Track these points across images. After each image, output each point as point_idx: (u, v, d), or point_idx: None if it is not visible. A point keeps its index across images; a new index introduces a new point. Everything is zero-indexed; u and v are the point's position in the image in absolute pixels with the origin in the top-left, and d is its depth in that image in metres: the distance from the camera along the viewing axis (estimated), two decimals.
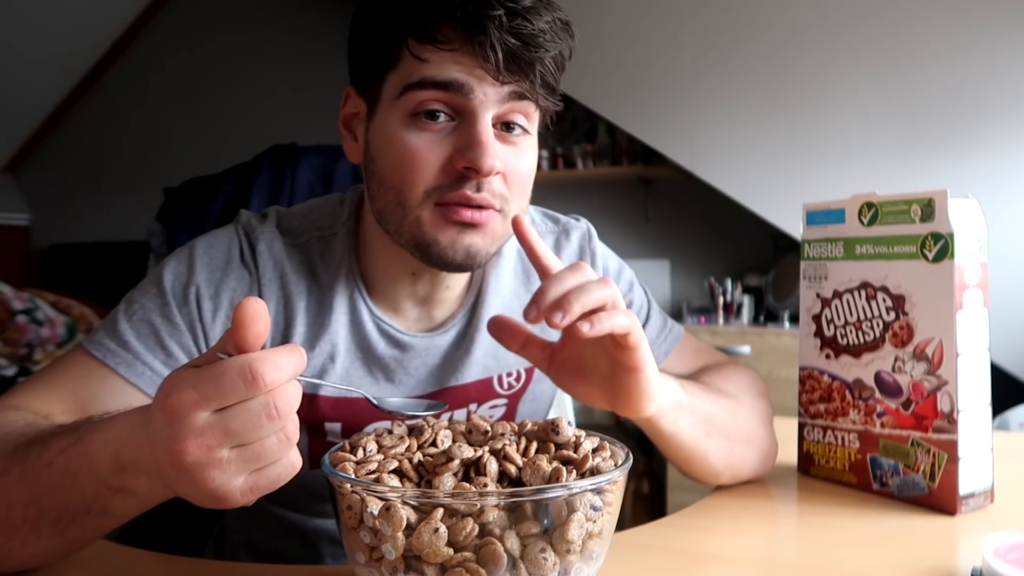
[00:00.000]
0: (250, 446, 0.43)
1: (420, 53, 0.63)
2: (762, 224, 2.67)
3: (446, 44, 0.62)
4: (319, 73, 3.88)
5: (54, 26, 3.87)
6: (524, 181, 0.69)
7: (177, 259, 0.73)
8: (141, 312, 0.70)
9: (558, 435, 0.53)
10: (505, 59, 0.62)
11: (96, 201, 4.42)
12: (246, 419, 0.42)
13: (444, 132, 0.65)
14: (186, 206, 1.03)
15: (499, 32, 0.61)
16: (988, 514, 0.73)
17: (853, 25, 2.46)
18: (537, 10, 0.63)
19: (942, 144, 2.36)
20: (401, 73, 0.65)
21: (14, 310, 2.98)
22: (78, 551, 0.56)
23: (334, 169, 1.06)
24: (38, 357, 2.91)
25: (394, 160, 0.66)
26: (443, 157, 0.65)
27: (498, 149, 0.65)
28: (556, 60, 0.66)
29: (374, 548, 0.46)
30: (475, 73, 0.63)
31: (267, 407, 0.43)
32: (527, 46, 0.62)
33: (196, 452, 0.42)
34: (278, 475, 0.45)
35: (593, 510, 0.47)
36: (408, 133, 0.65)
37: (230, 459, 0.43)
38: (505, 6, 0.61)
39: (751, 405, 0.80)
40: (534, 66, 0.63)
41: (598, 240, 0.88)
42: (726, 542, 0.66)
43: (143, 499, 0.50)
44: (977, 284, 0.73)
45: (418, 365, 0.77)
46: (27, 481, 0.51)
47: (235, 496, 0.44)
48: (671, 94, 2.72)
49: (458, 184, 0.64)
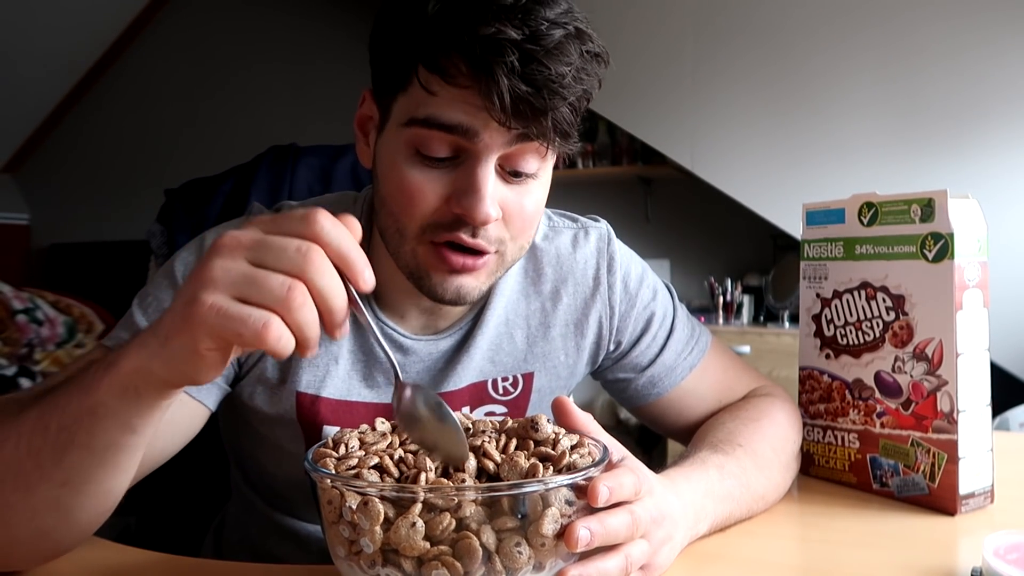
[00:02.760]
0: (258, 271, 0.42)
1: (429, 84, 0.60)
2: (762, 224, 2.67)
3: (455, 80, 0.59)
4: (319, 73, 3.88)
5: (54, 26, 3.87)
6: (527, 221, 0.67)
7: (188, 250, 0.73)
8: (156, 304, 0.70)
9: (537, 432, 0.53)
10: (514, 106, 0.58)
11: (96, 201, 4.43)
12: (278, 242, 0.42)
13: (445, 170, 0.63)
14: (186, 207, 1.03)
15: (509, 79, 0.57)
16: (988, 514, 0.73)
17: (854, 26, 2.46)
18: (562, 49, 0.58)
19: (942, 144, 2.36)
20: (410, 99, 0.62)
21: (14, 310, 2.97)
22: (75, 525, 0.54)
23: (333, 169, 1.06)
24: (38, 357, 2.91)
25: (394, 188, 0.64)
26: (441, 195, 0.63)
27: (499, 193, 0.63)
28: (576, 104, 0.61)
29: (353, 542, 0.47)
30: (481, 116, 0.59)
31: (301, 245, 0.42)
32: (540, 92, 0.58)
33: (215, 270, 0.42)
34: (249, 321, 0.41)
35: (568, 505, 0.48)
36: (410, 166, 0.63)
37: (231, 269, 0.42)
38: (522, 48, 0.57)
39: (782, 466, 0.76)
40: (546, 114, 0.59)
41: (617, 242, 0.84)
42: (726, 542, 0.66)
43: (127, 379, 0.47)
44: (977, 284, 0.73)
45: (419, 369, 0.76)
46: (40, 403, 0.51)
47: (203, 305, 0.41)
48: (672, 94, 2.73)
49: (453, 226, 0.63)
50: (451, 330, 0.77)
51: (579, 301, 0.81)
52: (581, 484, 0.49)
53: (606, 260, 0.82)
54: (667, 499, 0.57)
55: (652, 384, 0.83)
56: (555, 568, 0.48)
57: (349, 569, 0.48)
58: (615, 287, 0.81)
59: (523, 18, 0.58)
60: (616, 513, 0.51)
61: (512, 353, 0.79)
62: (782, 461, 0.76)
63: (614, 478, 0.50)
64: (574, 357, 0.82)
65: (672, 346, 0.83)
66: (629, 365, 0.83)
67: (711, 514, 0.64)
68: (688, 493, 0.62)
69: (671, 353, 0.83)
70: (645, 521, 0.52)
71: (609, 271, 0.81)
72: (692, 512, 0.61)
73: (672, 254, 3.22)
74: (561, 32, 0.58)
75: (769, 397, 0.83)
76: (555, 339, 0.80)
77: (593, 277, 0.81)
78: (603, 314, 0.81)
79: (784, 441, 0.78)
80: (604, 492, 0.49)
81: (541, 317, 0.80)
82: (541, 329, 0.80)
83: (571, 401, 0.58)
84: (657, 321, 0.83)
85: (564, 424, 0.56)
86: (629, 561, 0.51)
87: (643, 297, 0.83)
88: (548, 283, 0.80)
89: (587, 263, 0.81)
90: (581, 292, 0.81)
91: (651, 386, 0.83)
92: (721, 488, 0.66)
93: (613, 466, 0.53)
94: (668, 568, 0.57)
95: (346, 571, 0.48)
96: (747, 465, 0.70)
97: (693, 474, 0.65)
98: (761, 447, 0.74)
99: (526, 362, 0.79)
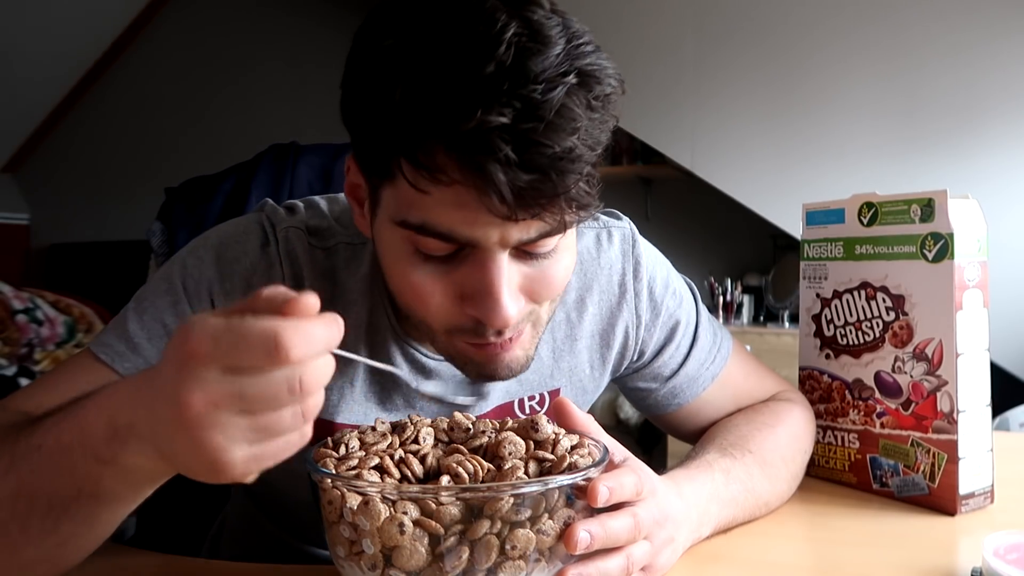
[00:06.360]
0: (261, 415, 0.38)
1: (417, 183, 0.51)
2: (762, 224, 2.67)
3: (444, 177, 0.50)
4: (319, 72, 3.87)
5: (54, 26, 3.87)
6: (557, 287, 0.59)
7: (189, 252, 0.68)
8: (152, 311, 0.65)
9: (537, 432, 0.53)
10: (518, 200, 0.49)
11: (96, 201, 4.43)
12: (264, 388, 0.37)
13: (453, 264, 0.56)
14: (186, 206, 1.03)
15: (506, 174, 0.48)
16: (988, 514, 0.73)
17: (854, 26, 2.46)
18: (565, 114, 0.48)
19: (942, 144, 2.36)
20: (398, 193, 0.54)
21: (14, 309, 2.97)
22: (69, 566, 0.52)
23: (333, 168, 1.06)
24: (38, 357, 2.91)
25: (400, 285, 0.59)
26: (453, 296, 0.56)
27: (517, 279, 0.56)
28: (592, 172, 0.52)
29: (354, 542, 0.47)
30: (483, 216, 0.51)
31: (290, 381, 0.37)
32: (547, 176, 0.49)
33: (201, 407, 0.37)
34: (284, 448, 0.40)
35: (568, 505, 0.48)
36: (412, 266, 0.56)
37: (237, 424, 0.38)
38: (515, 131, 0.47)
39: (791, 476, 0.75)
40: (559, 198, 0.50)
41: (642, 243, 0.78)
42: (726, 542, 0.66)
43: (134, 476, 0.45)
44: (977, 284, 0.73)
45: (442, 392, 0.72)
46: (16, 469, 0.47)
47: (235, 466, 0.38)
48: (672, 94, 2.73)
49: (477, 330, 0.57)
50: None
51: (605, 310, 0.76)
52: (581, 484, 0.49)
53: (632, 264, 0.76)
54: (670, 500, 0.56)
55: (673, 395, 0.80)
56: (555, 568, 0.48)
57: (350, 569, 0.48)
58: (642, 294, 0.77)
59: (510, 89, 0.47)
60: (618, 516, 0.50)
61: (538, 370, 0.74)
62: (791, 471, 0.75)
63: (614, 478, 0.50)
64: (600, 369, 0.78)
65: (696, 355, 0.80)
66: (651, 375, 0.80)
67: (714, 518, 0.64)
68: (692, 496, 0.61)
69: (694, 363, 0.80)
70: (647, 523, 0.52)
71: (636, 277, 0.76)
72: (695, 515, 0.60)
73: (672, 254, 3.15)
74: (561, 90, 0.48)
75: (788, 403, 0.81)
76: (581, 352, 0.76)
77: (619, 284, 0.76)
78: (630, 323, 0.77)
79: (796, 451, 0.76)
80: (604, 492, 0.49)
81: (567, 329, 0.75)
82: (567, 342, 0.75)
83: (571, 402, 0.58)
84: (681, 329, 0.79)
85: (564, 424, 0.56)
86: (631, 561, 0.51)
87: (669, 305, 0.78)
88: (572, 291, 0.75)
89: (612, 268, 0.76)
90: (607, 300, 0.76)
91: (672, 397, 0.80)
92: (726, 492, 0.65)
93: (614, 466, 0.53)
94: (669, 568, 0.57)
95: (346, 571, 0.48)
96: (755, 472, 0.69)
97: (698, 477, 0.64)
98: (772, 456, 0.72)
99: (552, 378, 0.75)
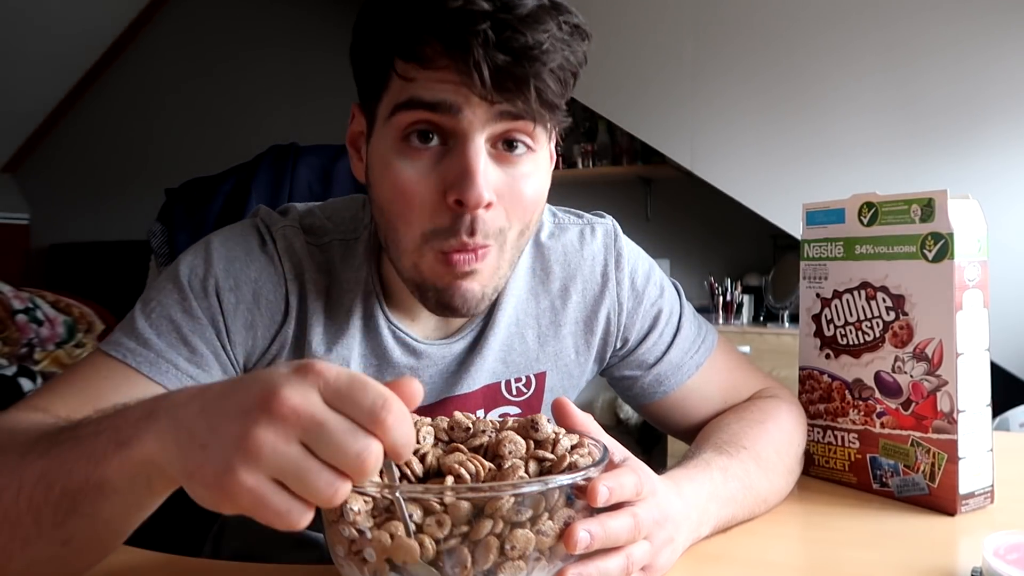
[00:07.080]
0: (309, 467, 0.39)
1: (407, 73, 0.60)
2: (762, 224, 2.67)
3: (432, 63, 0.58)
4: (319, 73, 3.88)
5: (54, 26, 3.87)
6: (527, 208, 0.65)
7: (193, 253, 0.71)
8: (160, 310, 0.68)
9: (537, 432, 0.53)
10: (493, 77, 0.57)
11: (96, 201, 4.43)
12: (336, 434, 0.38)
13: (436, 158, 0.62)
14: (186, 207, 1.04)
15: (483, 49, 0.56)
16: (988, 514, 0.73)
17: (854, 26, 2.46)
18: (537, 17, 0.57)
19: (942, 144, 2.37)
20: (392, 94, 0.62)
21: (14, 309, 2.97)
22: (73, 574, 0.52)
23: (333, 169, 1.06)
24: (38, 356, 2.91)
25: (389, 191, 0.63)
26: (436, 191, 0.61)
27: (493, 176, 0.62)
28: (559, 73, 0.59)
29: (353, 541, 0.47)
30: (462, 92, 0.58)
31: (360, 452, 0.38)
32: (519, 61, 0.57)
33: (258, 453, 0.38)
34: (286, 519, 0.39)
35: (568, 505, 0.48)
36: (401, 160, 0.62)
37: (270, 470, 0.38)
38: (494, 18, 0.56)
39: (786, 470, 0.76)
40: (528, 83, 0.58)
41: (624, 238, 0.83)
42: (726, 542, 0.66)
43: (138, 470, 0.45)
44: (977, 284, 0.73)
45: (432, 373, 0.75)
46: (48, 455, 0.48)
47: (239, 486, 0.39)
48: (672, 94, 2.73)
49: (454, 226, 0.61)
50: (463, 333, 0.76)
51: (588, 298, 0.80)
52: (581, 484, 0.49)
53: (613, 256, 0.81)
54: (670, 500, 0.57)
55: (658, 382, 0.82)
56: (555, 568, 0.48)
57: (349, 569, 0.48)
58: (623, 283, 0.81)
59: None
60: (618, 516, 0.50)
61: (524, 353, 0.78)
62: (786, 465, 0.76)
63: (614, 478, 0.50)
64: (584, 355, 0.81)
65: (679, 344, 0.82)
66: (635, 362, 0.83)
67: (714, 516, 0.64)
68: (691, 495, 0.61)
69: (678, 351, 0.82)
70: (647, 523, 0.52)
71: (617, 267, 0.81)
72: (695, 514, 0.61)
73: (672, 254, 3.22)
74: (534, 2, 0.57)
75: (775, 399, 0.83)
76: (565, 337, 0.80)
77: (601, 273, 0.80)
78: (611, 310, 0.81)
79: (789, 444, 0.77)
80: (604, 492, 0.49)
81: (551, 316, 0.79)
82: (552, 328, 0.79)
83: (571, 402, 0.58)
84: (664, 318, 0.82)
85: (564, 424, 0.56)
86: (630, 561, 0.51)
87: (650, 294, 0.82)
88: (556, 281, 0.79)
89: (595, 259, 0.80)
90: (590, 289, 0.80)
91: (657, 384, 0.82)
92: (725, 491, 0.66)
93: (614, 466, 0.53)
94: (669, 568, 0.57)
95: (346, 571, 0.48)
96: (751, 468, 0.70)
97: (697, 476, 0.65)
98: (766, 450, 0.73)
99: (538, 361, 0.79)
